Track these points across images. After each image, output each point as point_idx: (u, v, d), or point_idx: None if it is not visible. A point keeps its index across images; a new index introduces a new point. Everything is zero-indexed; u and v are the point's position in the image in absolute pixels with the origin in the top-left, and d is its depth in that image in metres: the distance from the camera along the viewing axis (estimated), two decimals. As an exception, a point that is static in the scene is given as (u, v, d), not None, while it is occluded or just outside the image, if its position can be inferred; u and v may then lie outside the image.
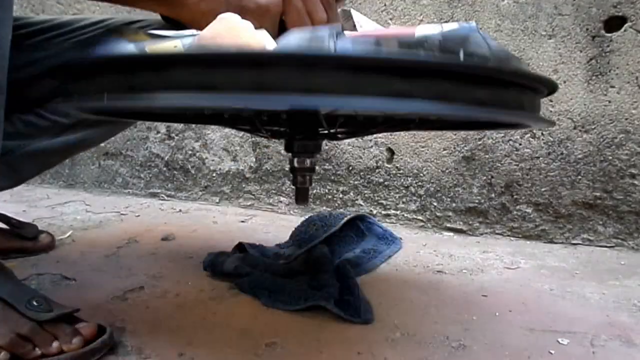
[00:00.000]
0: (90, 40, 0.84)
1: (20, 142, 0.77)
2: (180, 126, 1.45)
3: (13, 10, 0.57)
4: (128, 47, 0.44)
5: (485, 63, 0.39)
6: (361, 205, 1.22)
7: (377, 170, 1.21)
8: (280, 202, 1.34)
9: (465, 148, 1.12)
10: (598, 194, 1.04)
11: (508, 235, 1.11)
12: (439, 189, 1.15)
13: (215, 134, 1.41)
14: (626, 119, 1.01)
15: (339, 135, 0.68)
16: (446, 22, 0.71)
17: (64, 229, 1.09)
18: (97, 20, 0.86)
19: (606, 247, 1.04)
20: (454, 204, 1.14)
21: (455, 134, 1.13)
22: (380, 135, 1.19)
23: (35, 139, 0.81)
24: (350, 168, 1.24)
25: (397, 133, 1.18)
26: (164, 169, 1.48)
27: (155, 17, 0.90)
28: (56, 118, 0.80)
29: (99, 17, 0.87)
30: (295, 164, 0.62)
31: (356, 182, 1.24)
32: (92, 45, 0.83)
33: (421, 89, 0.36)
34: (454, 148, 1.13)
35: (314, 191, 1.28)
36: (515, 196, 1.10)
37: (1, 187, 0.82)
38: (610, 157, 1.02)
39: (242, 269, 0.79)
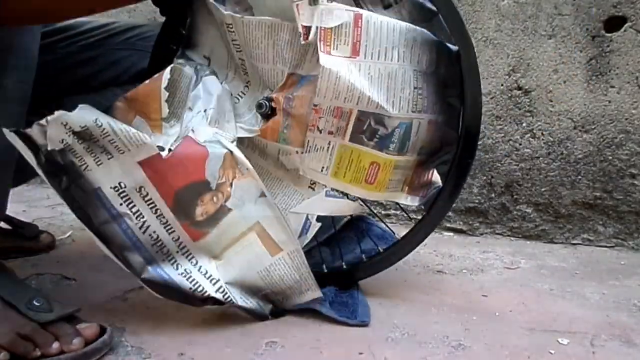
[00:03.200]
0: (95, 44, 0.85)
1: None
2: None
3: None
4: None
5: None
6: (361, 205, 1.22)
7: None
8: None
9: (465, 148, 1.12)
10: (598, 194, 1.04)
11: (508, 235, 1.11)
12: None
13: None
14: (626, 119, 1.01)
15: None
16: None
17: (64, 229, 1.09)
18: (101, 24, 0.87)
19: (606, 247, 1.04)
20: (454, 204, 1.14)
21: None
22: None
23: None
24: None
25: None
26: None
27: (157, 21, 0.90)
28: None
29: (103, 21, 0.88)
30: None
31: (356, 182, 1.23)
32: (98, 49, 0.84)
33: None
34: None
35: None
36: (515, 196, 1.10)
37: None
38: (610, 157, 1.02)
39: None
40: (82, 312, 0.61)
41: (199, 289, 0.63)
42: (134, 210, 0.61)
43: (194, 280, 0.63)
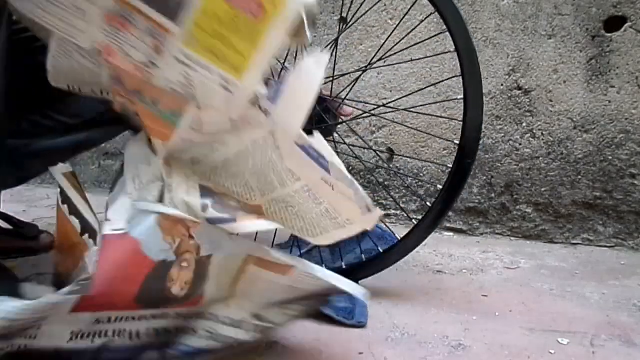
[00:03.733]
0: None
1: (26, 141, 0.78)
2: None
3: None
4: None
5: None
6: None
7: (377, 170, 1.21)
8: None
9: (465, 148, 1.12)
10: (598, 194, 1.04)
11: (508, 235, 1.11)
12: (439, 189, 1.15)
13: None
14: (626, 119, 1.01)
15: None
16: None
17: (64, 229, 1.09)
18: None
19: (606, 247, 1.04)
20: (453, 204, 1.14)
21: (456, 134, 1.12)
22: (380, 135, 1.19)
23: (41, 138, 0.81)
24: (350, 168, 1.24)
25: (397, 133, 1.18)
26: (164, 169, 1.48)
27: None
28: (61, 118, 0.81)
29: None
30: None
31: (356, 182, 1.23)
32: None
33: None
34: (454, 148, 1.13)
35: (314, 191, 1.28)
36: (515, 196, 1.10)
37: (5, 185, 0.82)
38: (610, 157, 1.02)
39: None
40: (82, 312, 0.61)
41: (229, 341, 0.56)
42: (109, 333, 0.52)
43: (219, 335, 0.56)
